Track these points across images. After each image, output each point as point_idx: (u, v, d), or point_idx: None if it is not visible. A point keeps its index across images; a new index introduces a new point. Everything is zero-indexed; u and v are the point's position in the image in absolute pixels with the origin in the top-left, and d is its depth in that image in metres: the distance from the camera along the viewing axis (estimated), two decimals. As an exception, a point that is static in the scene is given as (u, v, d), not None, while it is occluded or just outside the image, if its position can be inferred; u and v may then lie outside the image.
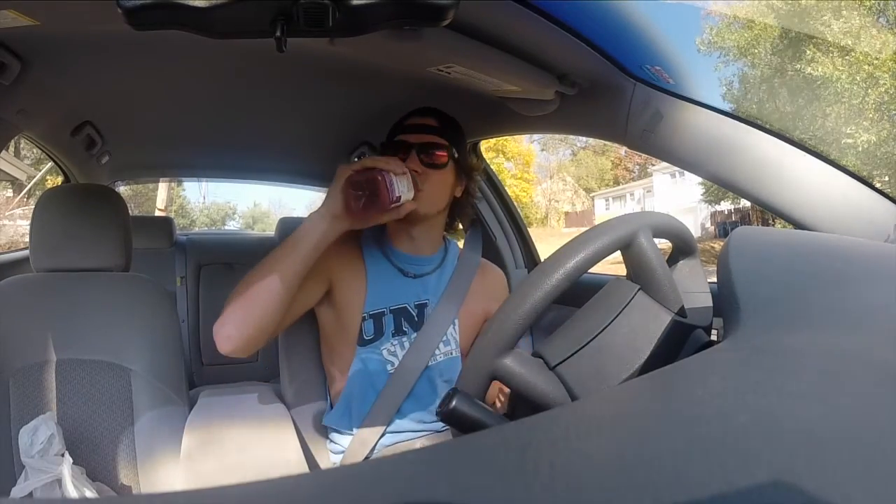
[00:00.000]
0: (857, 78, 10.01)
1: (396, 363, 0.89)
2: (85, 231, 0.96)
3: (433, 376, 0.90)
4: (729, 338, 0.35)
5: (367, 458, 0.87)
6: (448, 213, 0.96)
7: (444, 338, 0.92)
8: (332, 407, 0.93)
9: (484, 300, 0.98)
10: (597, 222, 0.60)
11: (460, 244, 1.07)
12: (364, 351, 0.89)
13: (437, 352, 0.91)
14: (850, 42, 9.84)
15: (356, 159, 1.69)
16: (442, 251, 0.98)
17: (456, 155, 0.92)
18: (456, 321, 0.94)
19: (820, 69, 10.36)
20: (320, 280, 0.88)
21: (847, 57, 10.16)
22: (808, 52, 10.81)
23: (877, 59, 9.77)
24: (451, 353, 0.93)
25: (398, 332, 0.90)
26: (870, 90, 9.89)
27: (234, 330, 0.75)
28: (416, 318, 0.92)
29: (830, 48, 10.35)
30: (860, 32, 9.86)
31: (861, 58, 9.94)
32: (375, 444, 0.87)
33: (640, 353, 0.51)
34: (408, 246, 0.94)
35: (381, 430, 0.87)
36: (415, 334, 0.90)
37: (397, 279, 0.92)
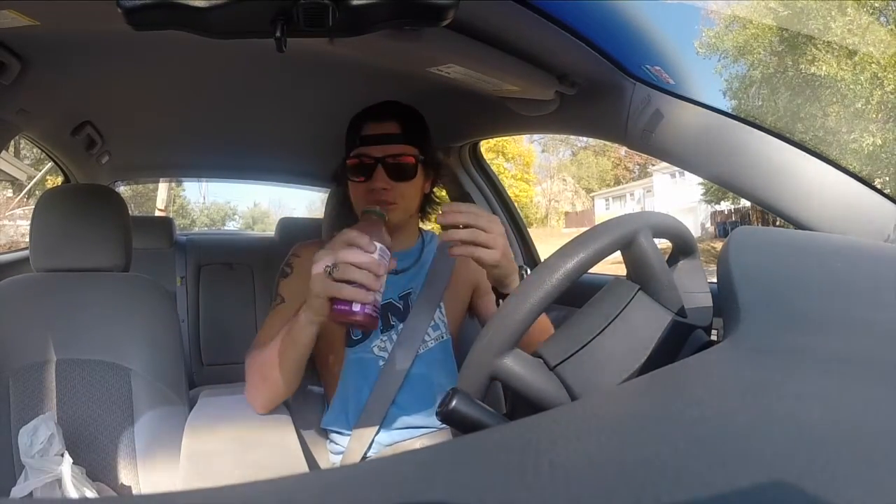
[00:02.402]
0: (862, 78, 9.95)
1: (387, 357, 0.89)
2: (85, 231, 0.95)
3: (427, 363, 0.90)
4: (729, 338, 0.35)
5: (365, 454, 0.87)
6: (420, 208, 0.95)
7: (433, 323, 0.91)
8: (328, 408, 0.93)
9: (467, 275, 0.96)
10: (597, 222, 0.59)
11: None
12: (353, 351, 0.89)
13: (427, 338, 0.90)
14: (855, 41, 9.77)
15: None
16: (419, 243, 0.98)
17: (423, 157, 0.89)
18: (442, 305, 0.93)
19: (824, 68, 10.29)
20: None
21: (850, 59, 10.10)
22: (809, 52, 10.75)
23: (881, 59, 9.71)
24: (442, 337, 0.92)
25: (386, 327, 0.90)
26: (874, 91, 9.83)
27: (260, 403, 0.83)
28: (402, 310, 0.91)
29: (832, 48, 10.29)
30: (865, 32, 9.79)
31: (866, 58, 9.88)
32: (373, 439, 0.87)
33: (640, 353, 0.51)
34: None
35: (377, 423, 0.87)
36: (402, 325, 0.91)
37: None
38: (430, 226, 1.04)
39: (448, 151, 1.48)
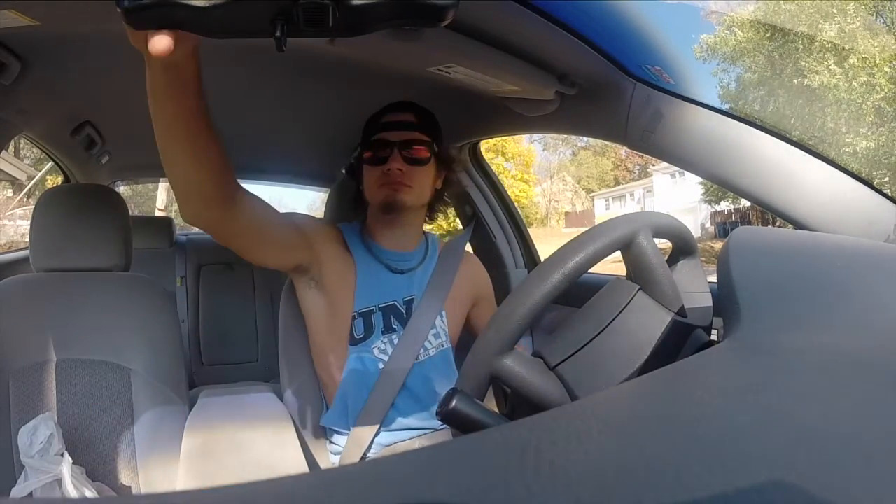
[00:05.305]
0: (855, 84, 9.97)
1: (388, 360, 0.89)
2: (85, 231, 0.95)
3: (427, 371, 0.91)
4: (729, 338, 0.35)
5: (364, 455, 0.87)
6: (429, 205, 0.99)
7: (434, 331, 0.93)
8: (327, 408, 0.93)
9: (468, 287, 1.00)
10: (597, 222, 0.60)
11: (444, 240, 1.07)
12: (355, 350, 0.89)
13: (427, 346, 0.92)
14: (847, 45, 9.81)
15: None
16: (423, 245, 1.00)
17: (436, 149, 0.94)
18: (443, 313, 0.95)
19: (817, 79, 10.33)
20: (298, 245, 0.87)
21: (843, 65, 10.12)
22: (804, 59, 10.78)
23: (875, 64, 9.73)
24: (443, 346, 0.94)
25: (388, 329, 0.91)
26: (867, 96, 9.86)
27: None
28: (404, 315, 0.93)
29: (826, 54, 10.33)
30: (856, 36, 9.81)
31: (858, 64, 9.91)
32: (372, 441, 0.87)
33: (640, 353, 0.51)
34: (391, 242, 0.96)
35: (375, 426, 0.87)
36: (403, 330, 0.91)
37: (384, 276, 0.94)
38: (428, 226, 1.05)
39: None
